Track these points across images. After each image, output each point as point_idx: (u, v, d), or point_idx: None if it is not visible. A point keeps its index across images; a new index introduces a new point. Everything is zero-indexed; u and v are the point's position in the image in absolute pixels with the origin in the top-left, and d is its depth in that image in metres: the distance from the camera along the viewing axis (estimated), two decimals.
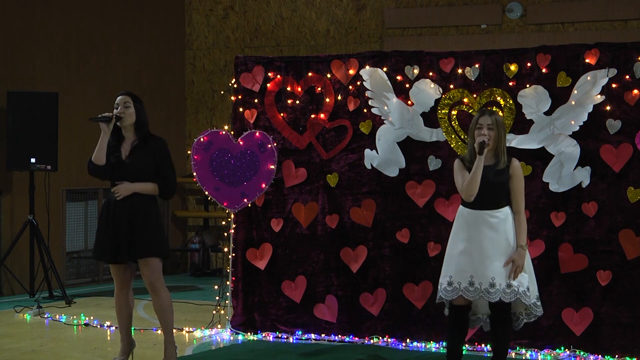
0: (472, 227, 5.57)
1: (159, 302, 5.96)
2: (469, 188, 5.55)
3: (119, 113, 5.91)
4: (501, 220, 5.56)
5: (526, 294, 5.49)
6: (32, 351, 6.82)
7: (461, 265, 5.55)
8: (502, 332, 5.66)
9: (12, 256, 9.46)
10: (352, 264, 7.19)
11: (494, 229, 5.53)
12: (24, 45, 9.99)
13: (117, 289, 6.02)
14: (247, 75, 7.48)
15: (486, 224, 5.55)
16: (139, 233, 5.80)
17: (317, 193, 7.32)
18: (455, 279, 5.55)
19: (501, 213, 5.57)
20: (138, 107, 5.97)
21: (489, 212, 5.56)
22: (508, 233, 5.55)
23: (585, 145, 6.64)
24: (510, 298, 5.48)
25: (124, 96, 6.00)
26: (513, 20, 10.83)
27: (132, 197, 5.84)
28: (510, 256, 5.50)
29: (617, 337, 6.56)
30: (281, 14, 11.87)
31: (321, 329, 7.24)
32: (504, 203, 5.61)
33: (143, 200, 5.86)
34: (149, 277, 5.87)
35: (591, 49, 6.65)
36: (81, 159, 10.48)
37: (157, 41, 11.87)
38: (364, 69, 7.18)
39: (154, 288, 5.91)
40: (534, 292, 5.63)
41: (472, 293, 5.49)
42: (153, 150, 5.91)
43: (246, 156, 7.32)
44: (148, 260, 5.85)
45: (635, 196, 6.55)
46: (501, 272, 5.48)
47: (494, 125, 5.58)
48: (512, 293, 5.46)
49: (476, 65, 6.91)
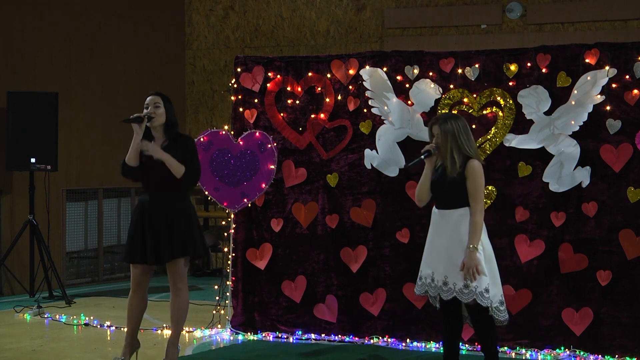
0: (434, 226, 5.66)
1: (177, 302, 5.97)
2: (417, 194, 5.78)
3: (150, 113, 5.88)
4: (457, 220, 5.54)
5: (483, 295, 5.43)
6: (32, 351, 6.82)
7: (427, 261, 5.65)
8: (482, 332, 5.62)
9: (12, 256, 9.46)
10: (352, 264, 7.19)
11: (451, 229, 5.55)
12: (24, 45, 9.99)
13: (132, 290, 6.01)
14: (247, 75, 7.48)
15: (445, 223, 5.58)
16: (176, 233, 5.81)
17: (317, 193, 7.32)
18: (424, 274, 5.65)
19: (456, 213, 5.55)
20: (168, 107, 5.96)
21: (445, 211, 5.59)
22: (463, 234, 5.51)
23: (585, 145, 6.64)
24: (467, 298, 5.45)
25: (154, 96, 5.96)
26: (513, 20, 10.83)
27: (166, 197, 5.85)
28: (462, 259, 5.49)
29: (617, 337, 6.56)
30: (281, 14, 11.87)
31: (321, 329, 7.24)
32: (460, 204, 5.56)
33: (178, 200, 5.89)
34: (176, 275, 5.90)
35: (591, 49, 6.66)
36: (81, 159, 10.57)
37: (157, 41, 11.87)
38: (364, 69, 7.18)
39: (178, 288, 5.93)
40: (496, 297, 5.52)
41: (433, 289, 5.57)
42: (184, 148, 5.91)
43: (246, 156, 7.32)
44: (180, 260, 5.88)
45: (635, 196, 6.56)
46: (455, 272, 5.47)
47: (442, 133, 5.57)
48: (469, 293, 5.44)
49: (476, 65, 6.91)
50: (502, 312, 5.56)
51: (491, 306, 5.50)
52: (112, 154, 10.55)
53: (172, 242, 5.82)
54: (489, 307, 5.49)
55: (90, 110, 10.75)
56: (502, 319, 5.56)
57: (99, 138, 10.82)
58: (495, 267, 5.62)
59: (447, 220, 5.57)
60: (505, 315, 5.59)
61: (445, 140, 5.59)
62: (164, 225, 5.82)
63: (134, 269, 5.97)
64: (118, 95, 11.04)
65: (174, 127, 5.98)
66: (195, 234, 5.92)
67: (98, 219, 10.91)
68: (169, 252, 5.83)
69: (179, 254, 5.86)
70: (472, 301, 5.47)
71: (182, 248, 5.85)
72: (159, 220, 5.83)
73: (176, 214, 5.86)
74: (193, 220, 5.95)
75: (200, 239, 5.99)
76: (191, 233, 5.89)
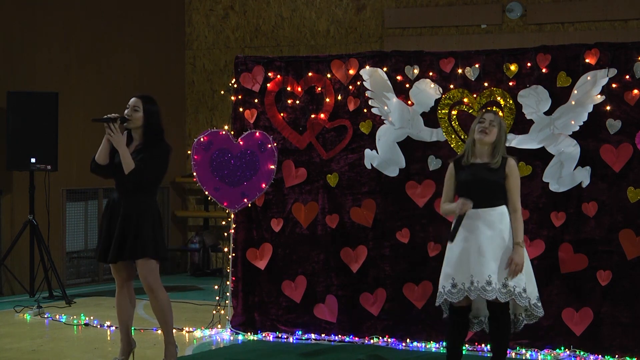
0: (468, 227, 5.58)
1: (157, 303, 5.94)
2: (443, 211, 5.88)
3: (126, 114, 5.87)
4: (496, 219, 5.56)
5: (522, 295, 5.48)
6: (32, 351, 6.82)
7: (462, 266, 5.55)
8: (500, 333, 5.65)
9: (12, 256, 9.46)
10: (352, 264, 7.19)
11: (489, 228, 5.54)
12: (24, 45, 9.99)
13: (118, 288, 6.02)
14: (247, 75, 7.48)
15: (482, 222, 5.56)
16: (133, 233, 5.78)
17: (317, 193, 7.32)
18: (459, 280, 5.54)
19: (496, 212, 5.58)
20: (150, 111, 5.90)
21: (484, 210, 5.57)
22: (504, 232, 5.55)
23: (585, 145, 6.63)
24: (505, 298, 5.48)
25: (136, 99, 5.94)
26: (513, 20, 10.83)
27: (130, 197, 5.82)
28: (509, 256, 5.50)
29: (617, 337, 6.56)
30: (281, 14, 11.87)
31: (321, 329, 7.24)
32: (499, 202, 5.61)
33: (141, 200, 5.84)
34: (145, 278, 5.84)
35: (591, 49, 6.65)
36: (81, 159, 10.53)
37: (157, 41, 11.87)
38: (364, 69, 7.18)
39: (151, 289, 5.88)
40: (533, 293, 5.61)
41: (473, 292, 5.49)
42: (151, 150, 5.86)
43: (246, 156, 7.32)
44: (143, 261, 5.82)
45: (635, 196, 6.55)
46: (496, 271, 5.47)
47: (496, 123, 5.66)
48: (507, 293, 5.46)
49: (476, 65, 6.91)
50: (539, 308, 5.65)
51: (529, 304, 5.54)
52: None
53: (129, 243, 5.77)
54: (527, 305, 5.53)
55: (90, 110, 10.69)
56: (538, 314, 5.66)
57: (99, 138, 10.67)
58: (530, 264, 5.68)
59: (482, 219, 5.54)
60: (542, 311, 5.67)
61: (499, 131, 5.64)
62: (125, 225, 5.78)
63: (111, 266, 5.97)
64: (118, 95, 11.00)
65: (153, 131, 5.90)
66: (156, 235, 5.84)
67: (98, 219, 10.90)
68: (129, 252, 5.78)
69: (141, 254, 5.79)
70: (495, 300, 5.47)
71: (143, 249, 5.78)
72: (120, 220, 5.79)
73: (138, 214, 5.80)
74: (154, 221, 5.88)
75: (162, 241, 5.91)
76: (149, 234, 5.81)
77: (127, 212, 5.80)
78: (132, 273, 6.05)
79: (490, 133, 5.62)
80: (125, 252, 5.79)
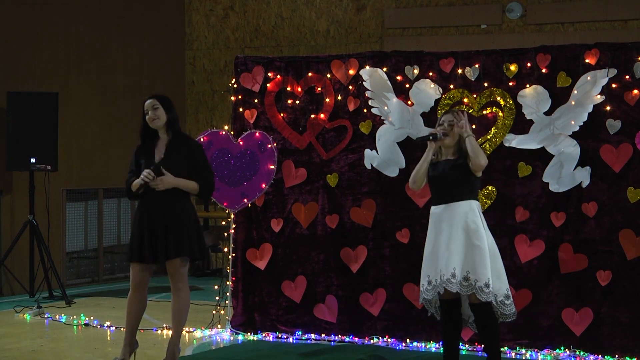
0: (437, 223, 5.70)
1: (178, 302, 5.98)
2: (413, 175, 5.89)
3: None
4: (463, 213, 5.61)
5: (483, 290, 5.48)
6: (32, 351, 6.82)
7: (433, 262, 5.66)
8: (487, 332, 5.66)
9: (12, 256, 9.46)
10: (352, 264, 7.19)
11: (456, 223, 5.60)
12: (24, 45, 9.99)
13: (133, 289, 6.02)
14: (247, 75, 7.48)
15: (450, 216, 5.63)
16: (174, 232, 5.83)
17: (317, 193, 7.32)
18: (432, 277, 5.65)
19: (463, 205, 5.63)
20: (167, 107, 6.01)
21: (451, 204, 5.65)
22: (469, 227, 5.59)
23: (585, 145, 6.64)
24: (466, 291, 5.53)
25: (152, 100, 6.01)
26: (513, 20, 10.83)
27: (167, 197, 5.85)
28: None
29: (617, 337, 6.56)
30: (281, 14, 11.87)
31: (321, 329, 7.24)
32: (467, 196, 5.67)
33: (178, 200, 5.90)
34: (175, 276, 5.91)
35: (591, 49, 6.65)
36: (81, 159, 10.57)
37: (157, 41, 11.87)
38: (364, 69, 7.18)
39: (177, 288, 5.95)
40: (501, 291, 5.60)
41: (439, 286, 5.58)
42: (189, 154, 5.96)
43: (246, 156, 7.32)
44: (178, 260, 5.88)
45: (635, 196, 6.55)
46: (459, 265, 5.52)
47: (454, 121, 5.79)
48: (468, 286, 5.51)
49: (476, 65, 6.91)
50: (508, 305, 5.63)
51: (495, 300, 5.54)
52: (112, 155, 10.59)
53: (167, 243, 5.84)
54: (493, 302, 5.53)
55: (90, 110, 10.75)
56: (507, 312, 5.63)
57: (99, 138, 10.81)
58: (500, 262, 5.69)
59: (453, 213, 5.61)
60: (512, 309, 5.65)
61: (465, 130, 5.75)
62: (161, 225, 5.85)
63: (133, 268, 5.99)
64: (118, 95, 11.04)
65: (175, 125, 6.05)
66: (192, 235, 5.92)
67: (98, 219, 10.91)
68: (164, 253, 5.85)
69: (174, 254, 5.87)
70: (473, 297, 5.49)
71: (177, 249, 5.86)
72: (157, 220, 5.86)
73: (175, 214, 5.87)
74: (191, 221, 5.96)
75: (198, 241, 5.99)
76: (188, 234, 5.89)
77: (165, 210, 5.84)
78: (150, 275, 6.08)
79: (450, 134, 5.77)
80: (169, 250, 5.83)
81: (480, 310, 5.59)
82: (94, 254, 10.91)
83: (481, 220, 5.67)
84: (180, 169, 5.91)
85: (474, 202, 5.69)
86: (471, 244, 5.56)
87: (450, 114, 5.87)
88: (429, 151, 5.83)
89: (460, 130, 5.74)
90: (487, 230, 5.68)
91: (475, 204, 5.70)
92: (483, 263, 5.53)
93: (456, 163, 5.74)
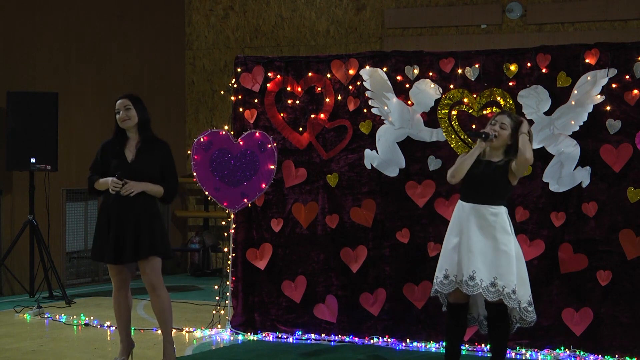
0: (464, 221, 5.65)
1: (158, 302, 5.95)
2: (455, 169, 5.75)
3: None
4: (493, 217, 5.59)
5: (510, 297, 5.48)
6: (32, 351, 6.82)
7: (454, 258, 5.62)
8: (499, 334, 5.67)
9: (12, 256, 9.46)
10: (352, 264, 7.19)
11: (483, 227, 5.58)
12: (24, 45, 9.99)
13: (116, 289, 6.02)
14: (247, 75, 7.48)
15: (478, 218, 5.60)
16: (143, 233, 5.80)
17: (317, 193, 7.32)
18: (451, 272, 5.62)
19: (494, 209, 5.61)
20: (139, 107, 5.99)
21: (482, 206, 5.62)
22: (497, 232, 5.56)
23: (585, 145, 6.64)
24: (493, 298, 5.50)
25: (123, 99, 6.01)
26: (513, 20, 10.83)
27: (134, 198, 5.83)
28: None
29: (617, 337, 6.56)
30: (281, 14, 11.87)
31: (321, 329, 7.24)
32: (499, 201, 5.65)
33: (146, 201, 5.87)
34: (149, 276, 5.87)
35: (591, 49, 6.65)
36: (81, 159, 10.54)
37: (157, 41, 11.87)
38: (364, 69, 7.18)
39: (154, 288, 5.90)
40: (525, 297, 5.61)
41: (458, 285, 5.57)
42: (160, 156, 5.93)
43: (246, 156, 7.32)
44: (149, 259, 5.84)
45: (635, 196, 6.55)
46: (483, 269, 5.50)
47: (508, 126, 5.71)
48: (496, 292, 5.49)
49: (476, 65, 6.91)
50: (531, 312, 5.64)
51: (519, 307, 5.54)
52: None
53: (138, 242, 5.79)
54: (517, 308, 5.52)
55: (90, 111, 10.75)
56: (529, 319, 5.64)
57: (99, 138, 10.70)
58: (524, 269, 5.68)
59: (478, 214, 5.59)
60: (534, 316, 5.67)
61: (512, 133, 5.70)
62: (131, 225, 5.80)
63: (110, 268, 5.97)
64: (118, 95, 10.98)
65: (147, 127, 6.00)
66: (162, 233, 5.88)
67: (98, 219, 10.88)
68: (131, 253, 5.80)
69: (145, 253, 5.80)
70: (499, 300, 5.49)
71: (149, 248, 5.80)
72: (126, 220, 5.81)
73: (143, 213, 5.83)
74: (160, 219, 5.92)
75: (167, 240, 5.95)
76: (158, 233, 5.84)
77: (136, 212, 5.81)
78: (132, 274, 6.07)
79: (499, 135, 5.70)
80: (140, 251, 5.79)
81: (497, 311, 5.58)
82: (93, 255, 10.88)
83: (509, 226, 5.65)
84: (152, 171, 5.88)
85: (503, 207, 5.66)
86: (499, 249, 5.54)
87: (505, 115, 5.78)
88: (477, 149, 5.74)
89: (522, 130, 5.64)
90: (513, 235, 5.66)
91: (504, 210, 5.66)
92: (510, 269, 5.52)
93: (498, 166, 5.68)
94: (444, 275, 5.64)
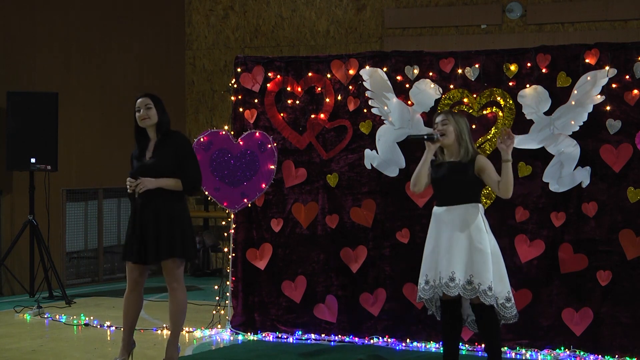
0: (439, 225, 5.69)
1: (175, 303, 5.99)
2: (413, 178, 5.83)
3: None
4: (467, 216, 5.61)
5: (487, 294, 5.48)
6: (32, 351, 6.82)
7: (433, 263, 5.65)
8: (488, 332, 5.67)
9: (12, 256, 9.46)
10: (352, 264, 7.19)
11: (459, 226, 5.59)
12: (24, 45, 9.99)
13: (129, 289, 6.02)
14: (247, 75, 7.48)
15: (452, 219, 5.62)
16: (162, 235, 5.82)
17: (317, 193, 7.32)
18: (431, 277, 5.65)
19: (466, 208, 5.63)
20: (159, 107, 6.00)
21: (454, 207, 5.64)
22: (472, 230, 5.57)
23: (585, 145, 6.64)
24: (469, 295, 5.52)
25: (144, 98, 6.00)
26: (513, 20, 10.83)
27: (154, 199, 5.84)
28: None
29: (617, 337, 6.56)
30: (281, 14, 11.87)
31: (321, 329, 7.24)
32: (467, 199, 5.66)
33: (166, 202, 5.88)
34: (167, 277, 5.92)
35: (591, 49, 6.65)
36: (81, 159, 10.57)
37: (157, 41, 11.87)
38: (364, 69, 7.18)
39: (173, 288, 5.95)
40: (502, 294, 5.59)
41: (438, 288, 5.58)
42: (174, 146, 5.94)
43: (246, 156, 7.32)
44: (169, 261, 5.87)
45: (635, 196, 6.56)
46: (461, 268, 5.52)
47: (448, 120, 5.75)
48: (472, 290, 5.50)
49: (476, 65, 6.91)
50: (509, 308, 5.62)
51: (496, 303, 5.54)
52: (112, 155, 10.59)
53: (158, 243, 5.83)
54: (495, 305, 5.53)
55: (90, 110, 10.75)
56: (508, 315, 5.62)
57: (99, 138, 10.81)
58: (502, 265, 5.68)
59: (453, 216, 5.61)
60: (513, 312, 5.65)
61: (462, 130, 5.73)
62: (152, 226, 5.84)
63: (128, 267, 6.00)
64: (118, 95, 11.03)
65: (166, 125, 6.03)
66: (184, 235, 5.90)
67: (98, 219, 10.91)
68: (154, 253, 5.85)
69: (166, 255, 5.85)
70: (475, 299, 5.50)
71: (170, 249, 5.85)
72: (148, 221, 5.85)
73: (166, 215, 5.86)
74: (183, 221, 5.94)
75: (190, 242, 5.97)
76: (181, 235, 5.87)
77: (158, 212, 5.84)
78: (146, 275, 6.09)
79: (447, 133, 5.73)
80: (161, 251, 5.82)
81: (482, 311, 5.59)
82: (94, 254, 10.91)
83: (483, 223, 5.66)
84: (167, 167, 5.88)
85: (476, 204, 5.67)
86: (474, 247, 5.55)
87: (443, 114, 5.82)
88: (428, 153, 5.78)
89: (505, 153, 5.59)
90: (489, 232, 5.67)
91: (478, 207, 5.68)
92: (486, 267, 5.53)
93: (459, 165, 5.71)
94: (424, 281, 5.69)
